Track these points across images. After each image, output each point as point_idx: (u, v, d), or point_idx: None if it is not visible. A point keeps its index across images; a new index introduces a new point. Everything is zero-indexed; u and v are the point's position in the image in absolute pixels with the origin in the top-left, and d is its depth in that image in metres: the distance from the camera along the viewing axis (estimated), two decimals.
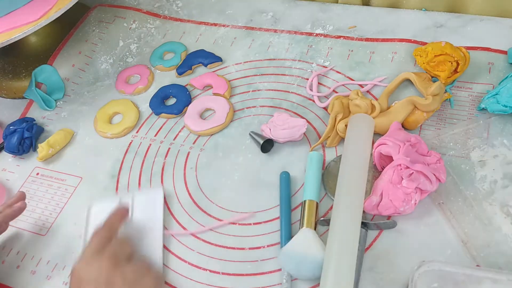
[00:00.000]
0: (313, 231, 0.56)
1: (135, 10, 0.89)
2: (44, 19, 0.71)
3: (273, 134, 0.65)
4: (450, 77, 0.66)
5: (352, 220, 0.54)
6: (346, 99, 0.66)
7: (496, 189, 0.57)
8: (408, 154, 0.56)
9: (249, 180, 0.65)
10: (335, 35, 0.77)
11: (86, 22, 0.89)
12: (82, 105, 0.78)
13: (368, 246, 0.56)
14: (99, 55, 0.84)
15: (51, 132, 0.76)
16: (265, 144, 0.66)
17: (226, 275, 0.58)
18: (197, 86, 0.76)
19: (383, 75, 0.71)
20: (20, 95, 0.82)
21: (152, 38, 0.84)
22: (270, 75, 0.75)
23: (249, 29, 0.82)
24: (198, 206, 0.64)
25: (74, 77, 0.82)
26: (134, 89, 0.77)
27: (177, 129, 0.72)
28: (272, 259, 0.58)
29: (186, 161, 0.69)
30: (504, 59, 0.68)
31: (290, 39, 0.78)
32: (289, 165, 0.65)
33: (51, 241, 0.64)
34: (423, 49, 0.67)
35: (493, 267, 0.52)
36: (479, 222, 0.55)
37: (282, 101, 0.71)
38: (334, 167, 0.63)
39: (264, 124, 0.67)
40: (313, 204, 0.59)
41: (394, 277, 0.54)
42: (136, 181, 0.68)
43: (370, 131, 0.62)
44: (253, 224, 0.61)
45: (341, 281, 0.50)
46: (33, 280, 0.62)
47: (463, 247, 0.54)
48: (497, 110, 0.61)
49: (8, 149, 0.73)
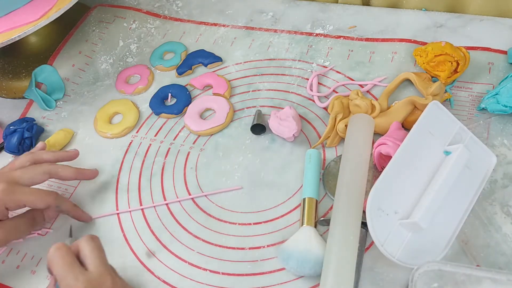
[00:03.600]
0: (314, 229, 0.57)
1: (135, 10, 0.89)
2: (44, 19, 0.71)
3: (271, 122, 0.66)
4: (450, 77, 0.66)
5: (352, 220, 0.54)
6: (346, 99, 0.66)
7: (496, 189, 0.57)
8: None
9: (249, 180, 0.65)
10: (335, 35, 0.77)
11: (86, 22, 0.89)
12: (82, 105, 0.78)
13: (368, 246, 0.56)
14: (99, 55, 0.84)
15: (51, 132, 0.76)
16: (258, 126, 0.68)
17: (226, 275, 0.58)
18: (197, 86, 0.76)
19: (383, 75, 0.71)
20: (20, 95, 0.82)
21: (152, 38, 0.84)
22: (270, 75, 0.75)
23: (249, 29, 0.82)
24: (198, 206, 0.64)
25: (74, 77, 0.82)
26: (134, 89, 0.77)
27: (177, 129, 0.72)
28: (272, 259, 0.58)
29: (186, 161, 0.69)
30: (504, 59, 0.68)
31: (290, 39, 0.78)
32: (289, 165, 0.65)
33: (51, 241, 0.64)
34: (423, 49, 0.67)
35: (493, 267, 0.52)
36: (479, 222, 0.55)
37: (282, 101, 0.71)
38: (334, 167, 0.63)
39: (274, 111, 0.67)
40: (313, 202, 0.59)
41: (394, 277, 0.54)
42: (136, 181, 0.68)
43: (370, 131, 0.62)
44: (253, 224, 0.61)
45: (341, 281, 0.50)
46: (33, 280, 0.62)
47: (463, 247, 0.54)
48: (497, 110, 0.61)
49: (8, 149, 0.73)
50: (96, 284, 0.48)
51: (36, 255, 0.63)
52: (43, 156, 0.63)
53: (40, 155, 0.63)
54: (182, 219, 0.63)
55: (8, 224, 0.59)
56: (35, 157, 0.62)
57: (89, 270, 0.49)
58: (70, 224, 0.64)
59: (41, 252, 0.63)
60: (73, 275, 0.48)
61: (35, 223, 0.62)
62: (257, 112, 0.70)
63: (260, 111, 0.70)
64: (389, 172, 0.53)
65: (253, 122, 0.68)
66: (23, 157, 0.62)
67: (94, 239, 0.52)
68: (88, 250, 0.50)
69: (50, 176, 0.61)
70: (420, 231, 0.51)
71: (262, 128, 0.68)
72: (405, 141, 0.55)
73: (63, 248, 0.50)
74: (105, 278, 0.49)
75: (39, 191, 0.59)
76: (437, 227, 0.52)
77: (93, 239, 0.51)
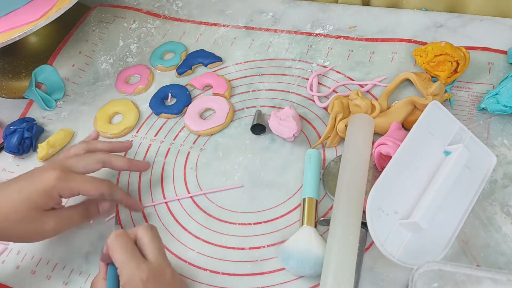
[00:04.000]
0: (314, 229, 0.57)
1: (135, 10, 0.89)
2: (44, 19, 0.71)
3: (271, 122, 0.66)
4: (450, 77, 0.66)
5: (352, 220, 0.54)
6: (346, 99, 0.66)
7: (496, 189, 0.57)
8: None
9: (249, 180, 0.65)
10: (335, 35, 0.77)
11: (86, 22, 0.89)
12: (82, 105, 0.78)
13: (368, 246, 0.56)
14: (99, 55, 0.84)
15: (51, 132, 0.76)
16: (258, 126, 0.68)
17: (226, 275, 0.58)
18: (197, 86, 0.76)
19: (383, 75, 0.71)
20: (20, 95, 0.82)
21: (152, 38, 0.84)
22: (270, 75, 0.75)
23: (249, 29, 0.82)
24: (198, 206, 0.64)
25: (74, 77, 0.82)
26: (134, 89, 0.77)
27: (177, 129, 0.72)
28: (272, 259, 0.58)
29: (186, 161, 0.69)
30: (504, 59, 0.68)
31: (290, 39, 0.78)
32: (289, 165, 0.65)
33: (51, 241, 0.64)
34: (423, 49, 0.67)
35: (493, 267, 0.52)
36: (479, 222, 0.55)
37: (282, 101, 0.71)
38: (334, 167, 0.63)
39: (274, 111, 0.67)
40: (313, 202, 0.59)
41: (394, 277, 0.54)
42: (136, 181, 0.68)
43: (370, 131, 0.62)
44: (253, 224, 0.61)
45: (341, 281, 0.50)
46: (33, 280, 0.62)
47: (463, 247, 0.54)
48: (497, 110, 0.61)
49: (8, 149, 0.73)
50: (157, 274, 0.48)
51: (36, 255, 0.63)
52: (97, 145, 0.63)
53: (94, 144, 0.63)
54: (182, 219, 0.63)
55: (62, 213, 0.58)
56: (90, 146, 0.62)
57: (149, 259, 0.49)
58: (114, 213, 0.64)
59: (41, 252, 0.64)
60: (136, 263, 0.47)
61: (89, 215, 0.61)
62: (257, 112, 0.70)
63: (260, 111, 0.70)
64: (389, 172, 0.53)
65: (253, 122, 0.68)
66: (77, 145, 0.62)
67: (153, 228, 0.51)
68: (147, 239, 0.50)
69: (103, 165, 0.61)
70: (420, 231, 0.51)
71: (262, 128, 0.68)
72: (405, 141, 0.55)
73: (124, 235, 0.50)
74: (165, 269, 0.49)
75: (93, 179, 0.59)
76: (437, 227, 0.52)
77: (152, 228, 0.51)
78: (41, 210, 0.56)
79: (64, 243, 0.64)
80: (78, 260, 0.62)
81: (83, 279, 0.60)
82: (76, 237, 0.64)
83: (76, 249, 0.63)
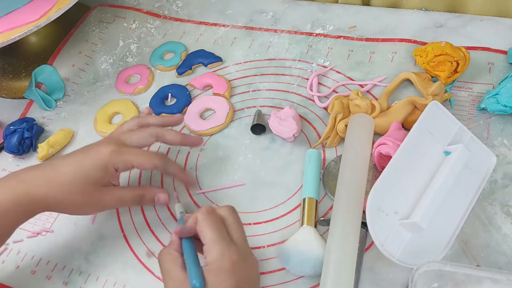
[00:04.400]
0: (314, 229, 0.57)
1: (135, 10, 0.89)
2: (44, 19, 0.71)
3: (271, 122, 0.66)
4: (450, 77, 0.66)
5: (352, 220, 0.54)
6: (346, 99, 0.66)
7: (496, 189, 0.57)
8: None
9: (249, 180, 0.65)
10: (335, 35, 0.77)
11: (86, 22, 0.89)
12: (82, 105, 0.78)
13: (368, 246, 0.56)
14: (99, 55, 0.84)
15: (51, 132, 0.76)
16: (258, 126, 0.68)
17: None
18: (197, 86, 0.76)
19: (383, 75, 0.71)
20: (20, 95, 0.82)
21: (152, 38, 0.84)
22: (270, 75, 0.75)
23: (249, 29, 0.82)
24: (198, 206, 0.64)
25: (74, 77, 0.82)
26: (134, 89, 0.77)
27: (177, 129, 0.72)
28: (272, 259, 0.58)
29: (186, 161, 0.69)
30: (504, 59, 0.68)
31: (290, 39, 0.78)
32: (289, 165, 0.65)
33: (51, 241, 0.64)
34: (423, 49, 0.67)
35: (493, 267, 0.52)
36: (479, 222, 0.55)
37: (282, 101, 0.71)
38: (334, 167, 0.63)
39: (274, 111, 0.67)
40: (313, 202, 0.59)
41: (394, 277, 0.54)
42: (136, 181, 0.68)
43: (370, 131, 0.62)
44: (253, 224, 0.61)
45: (341, 281, 0.50)
46: (33, 280, 0.62)
47: (463, 247, 0.54)
48: (497, 110, 0.61)
49: (8, 149, 0.73)
50: (243, 258, 0.48)
51: (36, 255, 0.63)
52: (149, 120, 0.63)
53: (146, 119, 0.63)
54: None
55: (115, 192, 0.59)
56: (142, 121, 0.63)
57: (234, 241, 0.49)
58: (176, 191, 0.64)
59: (41, 252, 0.64)
60: (227, 243, 0.47)
61: (142, 201, 0.61)
62: (257, 112, 0.70)
63: (260, 111, 0.70)
64: (389, 172, 0.53)
65: (253, 122, 0.68)
66: (130, 121, 0.63)
67: (235, 210, 0.52)
68: (232, 220, 0.50)
69: (156, 139, 0.61)
70: (420, 231, 0.51)
71: (262, 128, 0.68)
72: (405, 141, 0.55)
73: (215, 213, 0.50)
74: (250, 254, 0.50)
75: (146, 152, 0.59)
76: (437, 227, 0.52)
77: (234, 211, 0.52)
78: (97, 185, 0.57)
79: (64, 243, 0.64)
80: (78, 260, 0.62)
81: (83, 279, 0.60)
82: (76, 237, 0.64)
83: (76, 249, 0.63)
